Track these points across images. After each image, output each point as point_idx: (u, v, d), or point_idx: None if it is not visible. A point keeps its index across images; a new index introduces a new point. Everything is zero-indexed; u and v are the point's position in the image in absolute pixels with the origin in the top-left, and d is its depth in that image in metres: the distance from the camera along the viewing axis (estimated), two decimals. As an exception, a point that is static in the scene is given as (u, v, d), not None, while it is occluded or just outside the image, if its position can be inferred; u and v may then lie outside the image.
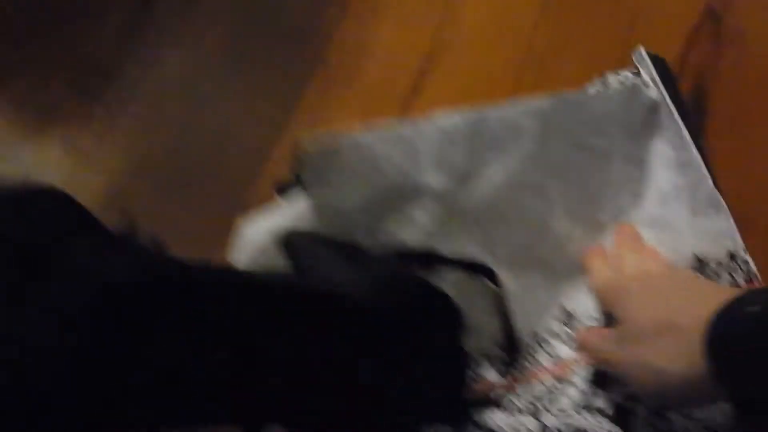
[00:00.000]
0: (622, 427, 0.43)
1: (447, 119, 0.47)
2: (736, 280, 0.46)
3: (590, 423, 0.44)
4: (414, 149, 0.47)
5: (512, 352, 0.46)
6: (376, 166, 0.47)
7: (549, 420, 0.45)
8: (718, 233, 0.47)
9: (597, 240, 0.50)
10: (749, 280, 0.46)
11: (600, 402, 0.45)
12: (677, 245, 0.48)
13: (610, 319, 0.45)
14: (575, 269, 0.49)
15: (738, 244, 0.46)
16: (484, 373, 0.47)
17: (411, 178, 0.47)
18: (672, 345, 0.36)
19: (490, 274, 0.47)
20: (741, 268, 0.46)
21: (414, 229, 0.47)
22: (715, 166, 0.50)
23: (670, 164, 0.50)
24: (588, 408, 0.45)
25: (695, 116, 0.53)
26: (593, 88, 0.52)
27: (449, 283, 0.47)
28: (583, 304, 0.48)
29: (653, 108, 0.51)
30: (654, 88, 0.51)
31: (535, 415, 0.45)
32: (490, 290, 0.47)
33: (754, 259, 0.48)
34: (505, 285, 0.47)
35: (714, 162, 0.50)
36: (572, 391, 0.46)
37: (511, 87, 0.60)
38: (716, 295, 0.35)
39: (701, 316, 0.35)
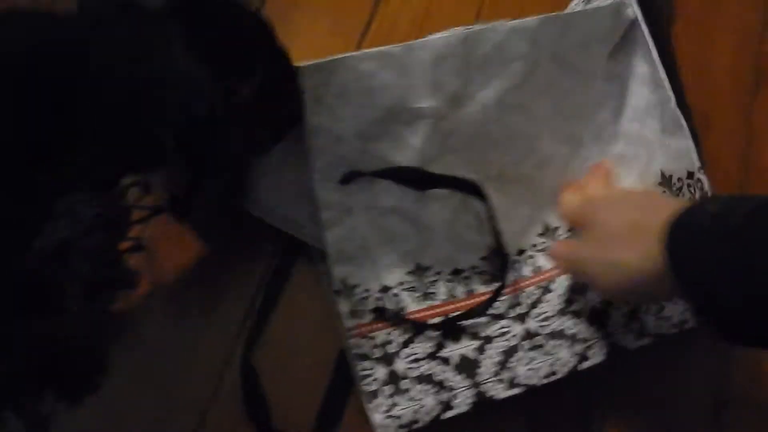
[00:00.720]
0: (597, 328, 0.49)
1: (441, 40, 0.47)
2: (694, 197, 0.49)
3: (567, 325, 0.49)
4: (409, 73, 0.46)
5: (501, 266, 0.50)
6: (372, 91, 0.46)
7: (531, 325, 0.50)
8: (680, 151, 0.49)
9: (577, 156, 0.53)
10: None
11: (577, 306, 0.50)
12: (649, 161, 0.51)
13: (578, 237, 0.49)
14: (558, 186, 0.52)
15: (695, 163, 0.49)
16: (473, 286, 0.51)
17: (405, 103, 0.47)
18: (637, 242, 0.39)
19: (478, 192, 0.49)
20: (697, 187, 0.49)
21: (407, 151, 0.48)
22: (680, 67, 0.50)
23: (645, 80, 0.52)
24: (566, 312, 0.50)
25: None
26: (577, 6, 0.53)
27: (439, 201, 0.50)
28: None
29: (633, 24, 0.52)
30: (635, 5, 0.51)
31: (520, 320, 0.50)
32: (479, 209, 0.50)
33: (710, 155, 0.49)
34: (493, 202, 0.49)
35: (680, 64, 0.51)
36: (552, 297, 0.51)
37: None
38: (681, 202, 0.37)
39: (666, 217, 0.37)
